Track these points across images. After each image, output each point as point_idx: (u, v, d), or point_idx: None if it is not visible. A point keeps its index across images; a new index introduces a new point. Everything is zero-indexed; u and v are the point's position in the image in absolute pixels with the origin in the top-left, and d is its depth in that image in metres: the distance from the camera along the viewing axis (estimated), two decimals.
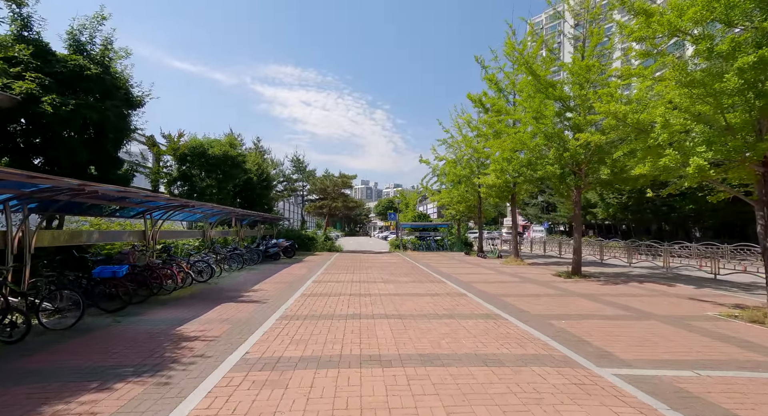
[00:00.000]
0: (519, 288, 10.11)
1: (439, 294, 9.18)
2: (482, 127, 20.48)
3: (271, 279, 11.76)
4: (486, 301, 8.21)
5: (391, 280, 11.55)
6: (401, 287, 10.22)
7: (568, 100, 11.94)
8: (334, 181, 27.47)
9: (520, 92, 14.21)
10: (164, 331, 5.70)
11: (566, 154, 11.53)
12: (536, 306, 7.76)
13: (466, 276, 12.57)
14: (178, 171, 17.45)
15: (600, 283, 11.06)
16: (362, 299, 8.42)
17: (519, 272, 14.06)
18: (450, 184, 26.00)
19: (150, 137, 17.60)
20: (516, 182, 16.32)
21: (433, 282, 11.31)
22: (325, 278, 11.98)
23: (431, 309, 7.33)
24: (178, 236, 12.85)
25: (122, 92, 8.86)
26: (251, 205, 23.61)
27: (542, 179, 13.86)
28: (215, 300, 8.18)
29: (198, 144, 17.63)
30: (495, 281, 11.55)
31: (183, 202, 10.34)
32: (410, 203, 62.14)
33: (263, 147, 29.05)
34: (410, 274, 13.14)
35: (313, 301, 8.14)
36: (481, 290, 9.80)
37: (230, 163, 18.50)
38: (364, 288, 9.94)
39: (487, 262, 18.25)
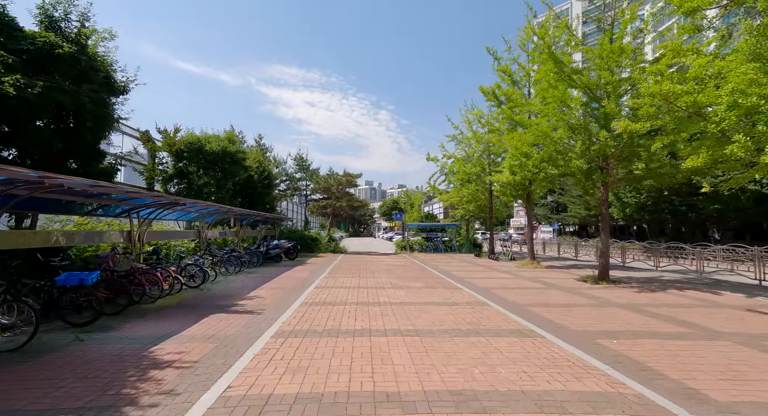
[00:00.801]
0: (545, 297, 9.02)
1: (457, 303, 8.13)
2: (495, 123, 19.42)
3: (270, 284, 10.76)
4: (513, 313, 7.14)
5: (402, 286, 10.50)
6: (413, 294, 9.18)
7: (595, 88, 10.84)
8: (339, 179, 26.47)
9: (538, 82, 13.10)
10: (134, 353, 4.69)
11: (594, 147, 10.43)
12: (573, 319, 6.68)
13: (483, 282, 11.50)
14: (174, 168, 16.52)
15: (634, 290, 9.94)
16: (371, 309, 7.39)
17: (539, 277, 12.95)
18: (458, 183, 24.93)
19: (145, 132, 16.71)
20: (533, 179, 15.21)
21: (447, 288, 10.25)
22: (329, 283, 10.97)
23: (452, 323, 6.28)
24: (171, 237, 11.91)
25: (101, 76, 7.89)
26: (252, 204, 22.68)
27: (564, 175, 12.75)
28: (204, 310, 7.18)
29: (195, 139, 16.69)
30: (516, 287, 10.46)
31: (173, 200, 9.38)
32: (415, 203, 61.12)
33: (265, 144, 28.12)
34: (421, 279, 12.09)
35: (315, 312, 7.12)
36: (503, 298, 8.73)
37: (229, 160, 17.54)
38: (373, 296, 8.91)
39: (500, 265, 17.14)
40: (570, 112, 11.40)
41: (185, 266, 10.07)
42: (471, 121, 22.18)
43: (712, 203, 22.26)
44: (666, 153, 9.68)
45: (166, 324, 6.15)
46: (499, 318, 6.74)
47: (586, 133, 10.66)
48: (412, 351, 4.84)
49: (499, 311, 7.31)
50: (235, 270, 13.21)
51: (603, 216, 11.79)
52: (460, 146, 23.84)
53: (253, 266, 15.19)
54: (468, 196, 23.02)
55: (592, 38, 11.25)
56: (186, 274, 10.09)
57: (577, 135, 10.90)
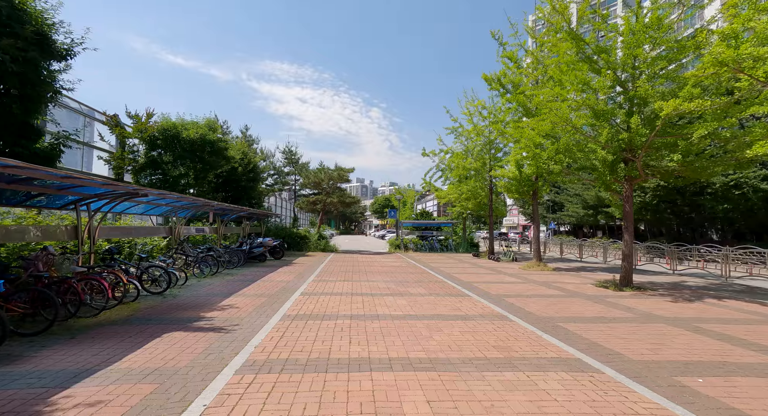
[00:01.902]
0: (571, 307, 7.71)
1: (471, 315, 6.75)
2: (499, 113, 18.12)
3: (248, 289, 9.26)
4: (544, 331, 5.80)
5: (402, 292, 9.10)
6: (417, 303, 7.78)
7: (621, 70, 9.55)
8: (330, 174, 24.94)
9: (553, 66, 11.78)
10: (18, 408, 3.19)
11: (623, 135, 9.15)
12: (623, 341, 5.35)
13: (492, 287, 10.16)
14: (146, 157, 14.82)
15: (668, 300, 8.70)
16: (369, 326, 5.97)
17: (551, 281, 11.68)
18: (456, 179, 23.62)
19: (113, 116, 14.98)
20: (539, 175, 13.93)
21: (454, 295, 8.88)
22: (317, 288, 9.51)
23: (475, 348, 4.90)
24: (135, 234, 10.31)
25: (31, 31, 6.27)
26: (236, 199, 21.06)
27: (582, 169, 11.49)
28: (158, 327, 5.68)
29: (170, 125, 15.02)
30: (532, 294, 9.15)
31: (132, 189, 7.79)
32: (408, 201, 59.82)
33: (251, 136, 26.41)
34: (422, 283, 10.71)
35: (299, 330, 5.67)
36: (522, 309, 7.39)
37: (209, 149, 15.90)
38: (369, 306, 7.48)
39: (504, 267, 15.87)
40: (592, 96, 10.12)
41: (147, 268, 8.51)
42: (472, 113, 20.84)
43: (721, 203, 21.33)
44: (708, 142, 8.45)
45: (98, 350, 4.63)
46: (531, 339, 5.37)
47: (613, 119, 9.38)
48: (432, 398, 3.43)
49: (526, 329, 5.95)
50: (212, 271, 11.66)
51: (626, 215, 10.54)
52: (459, 139, 22.54)
53: (233, 267, 13.64)
54: (467, 193, 21.74)
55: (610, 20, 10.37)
56: (149, 278, 8.54)
57: (601, 122, 9.61)
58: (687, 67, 10.07)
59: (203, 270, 11.40)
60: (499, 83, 15.71)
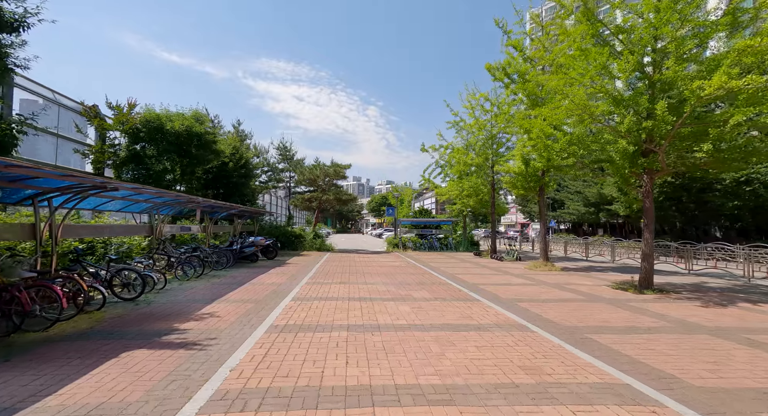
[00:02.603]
0: (594, 314, 6.88)
1: (485, 325, 5.90)
2: (505, 105, 17.28)
3: (234, 293, 8.35)
4: (574, 345, 4.95)
5: (404, 297, 8.23)
6: (422, 310, 6.92)
7: (642, 52, 8.72)
8: (326, 170, 24.00)
9: (561, 52, 10.94)
10: None
11: (646, 123, 8.33)
12: (671, 358, 4.52)
13: (501, 290, 9.33)
14: (128, 150, 13.84)
15: (697, 304, 7.90)
16: (369, 340, 5.09)
17: (562, 282, 10.87)
18: (456, 176, 22.78)
19: (92, 107, 13.98)
20: (552, 168, 13.11)
21: (461, 299, 8.03)
22: (310, 293, 8.62)
23: (498, 371, 4.04)
24: (108, 232, 9.34)
25: None
26: (227, 196, 20.09)
27: (597, 162, 10.67)
28: (118, 343, 4.77)
29: (153, 117, 14.03)
30: (547, 299, 8.32)
31: (99, 183, 6.86)
32: (405, 199, 58.92)
33: (244, 131, 25.39)
34: (425, 285, 9.86)
35: (287, 345, 4.79)
36: (541, 317, 6.55)
37: (196, 142, 14.94)
38: (369, 313, 6.61)
39: (508, 267, 15.05)
40: (610, 82, 9.29)
41: (119, 271, 7.59)
42: (473, 107, 19.99)
43: (731, 200, 20.64)
44: (745, 129, 7.65)
45: (32, 377, 3.72)
46: (562, 357, 4.52)
47: (636, 106, 8.54)
48: None
49: (552, 342, 5.10)
50: (196, 273, 10.73)
51: (647, 212, 9.73)
52: (459, 134, 21.67)
53: (221, 268, 12.72)
54: (468, 190, 20.92)
55: None
56: (121, 282, 7.62)
57: (621, 109, 8.77)
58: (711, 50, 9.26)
59: (187, 272, 10.48)
60: (504, 73, 14.85)
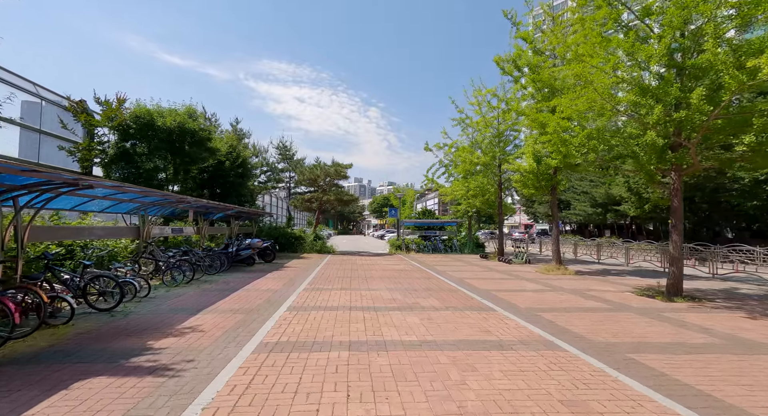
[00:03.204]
0: (628, 327, 6.07)
1: (507, 342, 5.11)
2: (514, 99, 16.50)
3: (224, 302, 7.58)
4: (619, 370, 4.16)
5: (411, 305, 7.44)
6: (433, 322, 6.13)
7: (672, 34, 7.94)
8: (326, 170, 23.24)
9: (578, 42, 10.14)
10: None
11: (679, 114, 7.54)
12: (747, 389, 3.73)
13: (517, 297, 8.53)
14: (116, 147, 13.10)
15: (741, 315, 7.09)
16: (374, 362, 4.31)
17: (580, 288, 10.07)
18: (460, 175, 21.99)
19: (79, 102, 13.25)
20: (568, 165, 12.28)
21: (475, 308, 7.23)
22: (308, 301, 7.83)
23: (535, 407, 3.25)
24: (86, 234, 8.57)
25: None
26: (224, 196, 19.35)
27: (618, 157, 9.86)
28: (75, 368, 4.00)
29: (144, 112, 13.30)
30: (569, 308, 7.51)
31: (71, 180, 6.11)
32: (407, 200, 58.13)
33: (242, 129, 24.66)
34: (432, 291, 9.06)
35: (276, 371, 4.01)
36: (567, 329, 5.75)
37: (189, 139, 14.19)
38: (373, 326, 5.83)
39: (519, 270, 14.24)
40: (635, 69, 8.51)
41: (94, 278, 6.82)
42: (480, 103, 19.23)
43: (749, 200, 19.80)
44: None
45: None
46: (610, 386, 3.72)
47: (665, 96, 7.74)
48: None
49: (590, 365, 4.31)
50: (186, 279, 9.96)
51: (675, 211, 8.93)
52: (465, 132, 20.90)
53: (214, 272, 11.95)
54: (474, 189, 20.10)
55: None
56: (96, 290, 6.86)
57: (648, 99, 7.97)
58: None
59: (176, 277, 9.71)
60: (515, 65, 14.07)
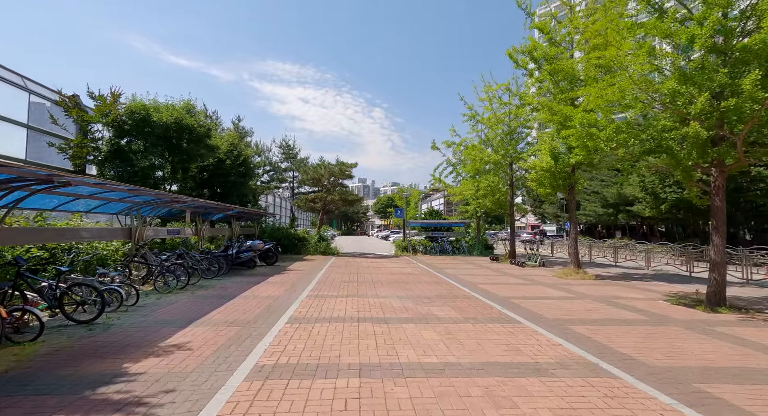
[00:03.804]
0: (682, 345, 5.26)
1: (546, 366, 4.32)
2: (527, 94, 15.69)
3: (218, 311, 6.84)
4: (693, 407, 3.36)
5: (425, 316, 6.66)
6: (453, 337, 5.35)
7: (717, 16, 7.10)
8: (331, 169, 22.53)
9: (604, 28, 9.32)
10: None
11: (727, 103, 6.71)
12: None
13: (540, 306, 7.73)
14: (110, 144, 12.44)
15: None
16: (391, 394, 3.53)
17: (608, 295, 9.25)
18: (468, 175, 21.19)
19: (71, 97, 12.62)
20: (589, 161, 11.43)
21: (497, 320, 6.44)
22: (311, 310, 7.08)
23: None
24: (69, 237, 7.87)
25: None
26: (225, 196, 18.67)
27: (650, 153, 9.02)
28: (24, 404, 3.27)
29: (139, 107, 12.63)
30: (604, 320, 6.70)
31: (45, 176, 5.42)
32: (411, 201, 57.36)
33: (244, 127, 24.01)
34: (446, 299, 8.28)
35: (271, 409, 3.25)
36: (610, 348, 4.96)
37: (187, 136, 13.52)
38: (386, 343, 5.06)
39: (534, 274, 13.42)
40: (674, 54, 7.69)
41: (72, 286, 6.11)
42: (491, 99, 18.43)
43: None
44: None
45: None
46: None
47: (709, 83, 6.91)
48: None
49: (660, 402, 3.50)
50: (180, 284, 9.24)
51: (716, 211, 8.08)
52: (474, 129, 20.11)
53: (213, 276, 11.24)
54: (484, 189, 19.25)
55: None
56: (75, 300, 6.15)
57: (688, 87, 7.15)
58: None
59: (169, 283, 8.99)
60: (530, 57, 13.25)
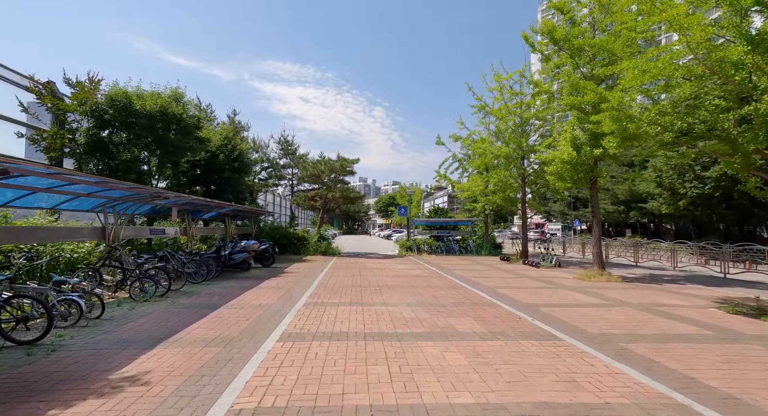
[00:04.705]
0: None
1: (619, 408, 3.18)
2: (546, 80, 14.51)
3: (196, 326, 5.70)
4: None
5: (445, 331, 5.50)
6: (486, 363, 4.20)
7: None
8: (331, 165, 21.38)
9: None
10: None
11: None
12: None
13: (576, 316, 6.58)
14: (88, 135, 11.30)
15: None
16: None
17: (646, 302, 8.10)
18: (475, 171, 20.05)
19: (46, 83, 11.48)
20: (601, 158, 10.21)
21: (533, 337, 5.29)
22: (309, 323, 5.93)
23: None
24: (26, 238, 6.73)
25: None
26: (219, 193, 17.53)
27: (700, 138, 7.84)
28: None
29: (120, 94, 11.49)
30: (659, 335, 5.55)
31: None
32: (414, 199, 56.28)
33: (240, 122, 22.86)
34: (465, 306, 7.13)
35: None
36: (695, 380, 3.82)
37: (175, 127, 12.37)
38: (402, 372, 3.91)
39: (553, 276, 12.26)
40: (735, 20, 6.53)
41: (10, 299, 4.98)
42: (502, 88, 17.26)
43: None
44: None
45: None
46: None
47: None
48: None
49: None
50: (161, 290, 8.11)
51: None
52: (483, 121, 18.95)
53: (201, 280, 10.11)
54: (495, 184, 18.03)
55: None
56: (14, 316, 5.02)
57: (758, 55, 5.98)
58: None
59: (146, 289, 7.86)
60: (551, 38, 12.05)
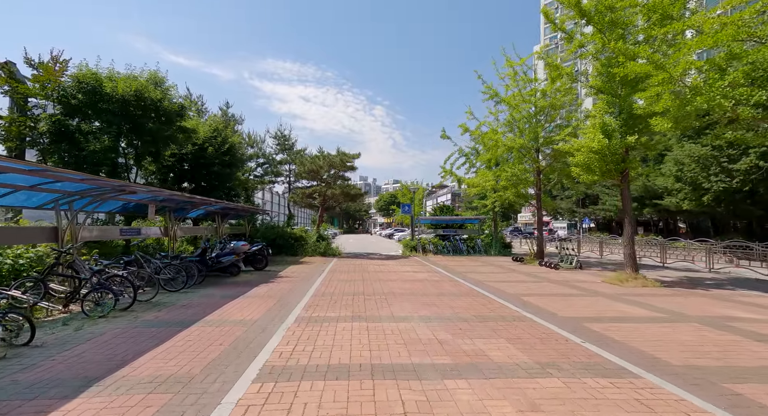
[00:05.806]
0: None
1: None
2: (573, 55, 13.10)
3: (149, 357, 4.32)
4: None
5: (474, 360, 4.11)
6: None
7: None
8: (330, 159, 20.00)
9: None
10: None
11: None
12: None
13: (638, 336, 5.21)
14: (50, 122, 9.91)
15: None
16: None
17: (714, 315, 6.73)
18: (483, 165, 18.67)
19: (4, 64, 10.12)
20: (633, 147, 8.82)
21: (596, 371, 3.91)
22: (299, 349, 4.54)
23: None
24: None
25: None
26: (210, 189, 16.16)
27: None
28: None
29: (89, 76, 10.10)
30: (762, 368, 4.18)
31: None
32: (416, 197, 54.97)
33: (233, 115, 21.45)
34: (493, 322, 5.75)
35: None
36: None
37: (153, 114, 10.98)
38: None
39: (579, 280, 10.87)
40: None
41: None
42: (515, 75, 15.88)
43: None
44: None
45: None
46: None
47: None
48: None
49: None
50: (123, 303, 6.74)
51: None
52: (493, 111, 17.54)
53: (180, 287, 8.75)
54: (507, 179, 16.58)
55: None
56: None
57: None
58: None
59: (103, 302, 6.48)
60: (579, 11, 10.57)
